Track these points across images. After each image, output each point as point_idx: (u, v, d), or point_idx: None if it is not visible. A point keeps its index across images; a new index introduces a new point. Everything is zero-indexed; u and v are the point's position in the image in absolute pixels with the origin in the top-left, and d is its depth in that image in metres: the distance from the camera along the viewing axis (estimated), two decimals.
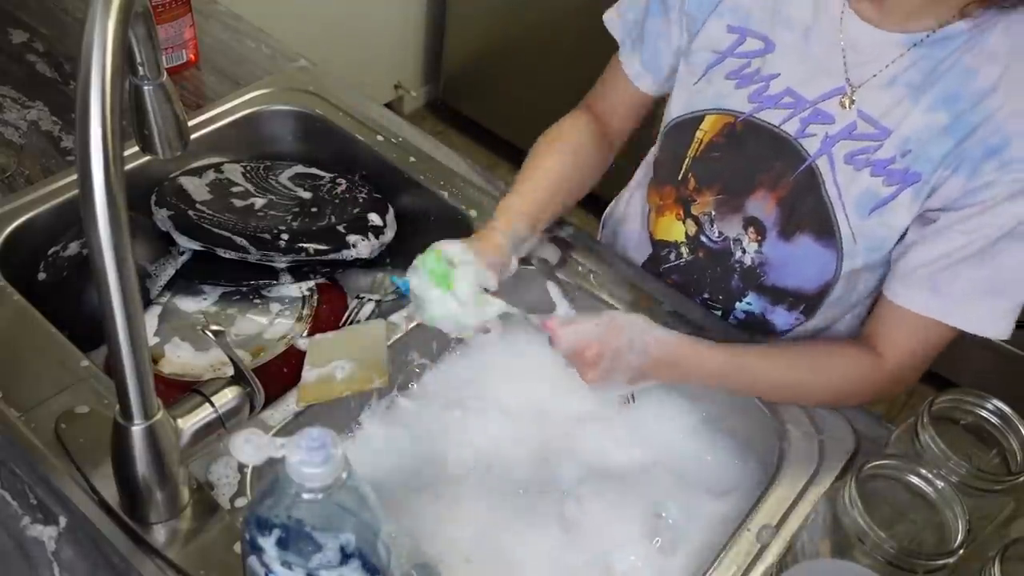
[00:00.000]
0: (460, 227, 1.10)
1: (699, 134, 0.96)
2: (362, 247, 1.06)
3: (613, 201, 1.24)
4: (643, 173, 1.13)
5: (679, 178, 1.00)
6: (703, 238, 1.01)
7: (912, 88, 0.83)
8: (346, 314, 1.07)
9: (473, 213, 1.10)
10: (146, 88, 0.71)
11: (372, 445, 0.95)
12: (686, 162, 0.98)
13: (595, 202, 1.25)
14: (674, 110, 0.99)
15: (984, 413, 0.82)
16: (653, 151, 1.10)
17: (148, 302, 1.02)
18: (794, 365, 0.92)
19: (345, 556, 0.60)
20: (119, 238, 0.60)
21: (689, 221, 1.01)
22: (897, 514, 0.77)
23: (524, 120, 1.02)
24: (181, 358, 0.97)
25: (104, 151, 0.58)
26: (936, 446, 0.77)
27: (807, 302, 0.99)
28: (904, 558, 0.71)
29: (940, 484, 0.75)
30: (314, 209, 1.11)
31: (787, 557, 0.81)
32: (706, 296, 1.05)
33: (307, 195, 1.14)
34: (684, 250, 1.04)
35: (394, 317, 0.99)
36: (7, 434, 0.82)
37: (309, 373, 0.92)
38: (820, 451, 0.90)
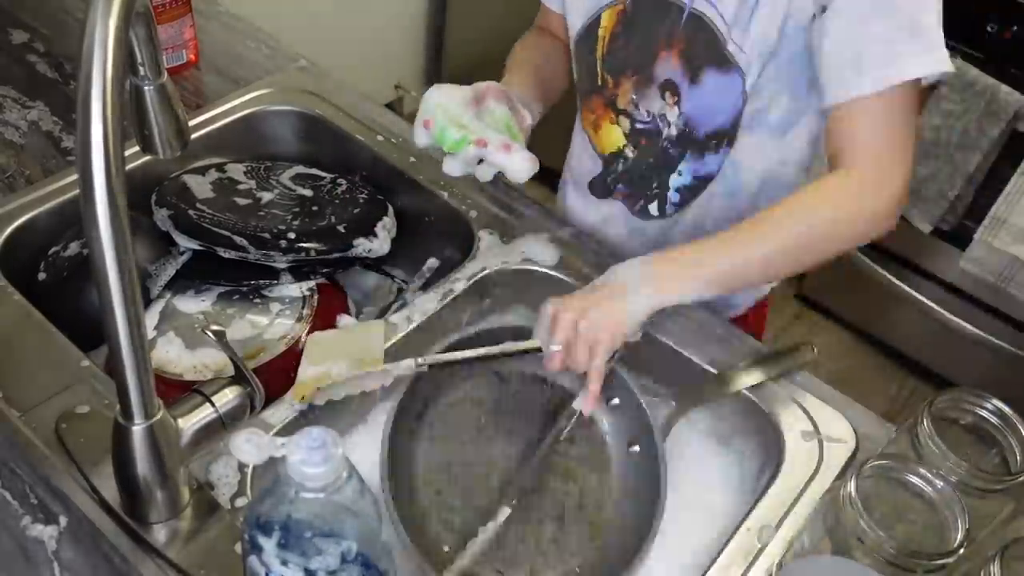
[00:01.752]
0: (460, 227, 1.10)
1: (600, 32, 1.02)
2: (376, 243, 1.07)
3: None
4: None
5: (599, 83, 1.06)
6: (638, 126, 1.05)
7: None
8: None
9: (473, 214, 1.10)
10: (146, 88, 0.71)
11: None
12: (598, 65, 1.04)
13: None
14: (573, 27, 1.05)
15: (984, 413, 0.82)
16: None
17: (148, 302, 1.03)
18: (783, 220, 0.92)
19: (345, 555, 0.60)
20: (120, 238, 0.60)
21: (622, 118, 1.06)
22: (897, 514, 0.77)
23: None
24: (169, 354, 0.97)
25: (105, 151, 0.58)
26: (936, 446, 0.78)
27: (728, 136, 1.01)
28: (904, 558, 0.71)
29: (940, 484, 0.75)
30: (315, 208, 1.11)
31: (787, 557, 0.81)
32: (648, 193, 1.09)
33: (307, 195, 1.14)
34: (628, 151, 1.08)
35: (394, 318, 0.99)
36: (7, 434, 0.82)
37: (305, 371, 0.92)
38: (820, 451, 0.90)
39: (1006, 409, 0.82)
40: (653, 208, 1.11)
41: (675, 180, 1.07)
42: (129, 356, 0.65)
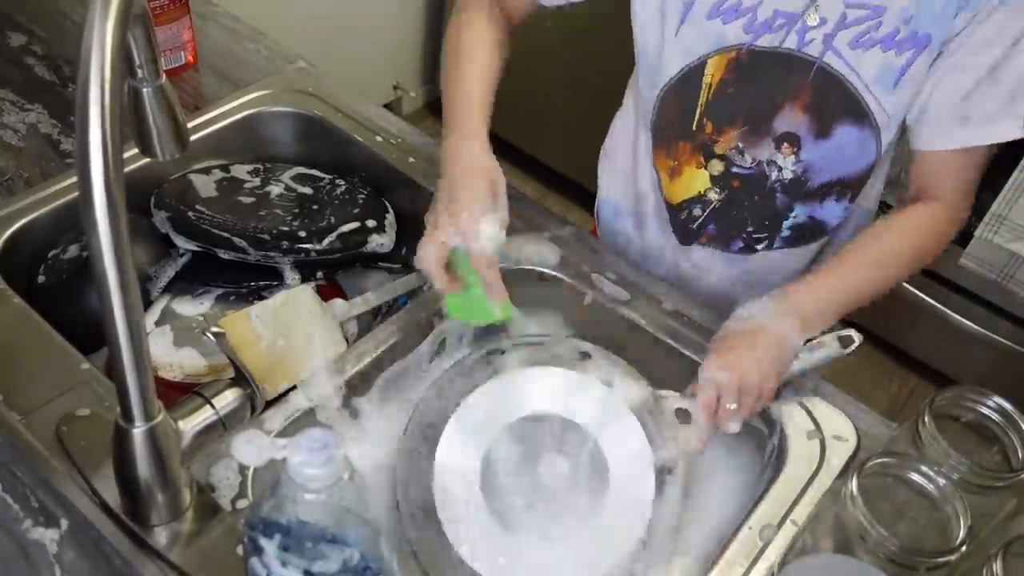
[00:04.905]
0: None
1: (706, 79, 0.96)
2: (386, 239, 1.10)
3: (601, 202, 1.22)
4: (642, 145, 1.10)
5: (693, 128, 1.00)
6: (734, 170, 1.01)
7: None
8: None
9: None
10: (145, 90, 0.71)
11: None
12: (698, 111, 0.98)
13: (593, 200, 1.24)
14: (665, 72, 0.98)
15: (985, 410, 0.82)
16: (634, 124, 1.08)
17: (147, 304, 1.02)
18: (892, 259, 0.95)
19: (346, 556, 0.60)
20: (119, 241, 0.60)
21: (713, 162, 1.02)
22: (898, 512, 0.77)
23: (522, 120, 1.01)
24: (155, 349, 0.97)
25: (104, 154, 0.58)
26: (937, 443, 0.77)
27: (853, 187, 1.01)
28: (906, 556, 0.71)
29: (942, 481, 0.75)
30: (315, 207, 1.11)
31: (789, 555, 0.81)
32: (750, 230, 1.06)
33: (307, 196, 1.14)
34: (712, 195, 1.04)
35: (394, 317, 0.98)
36: (8, 437, 0.82)
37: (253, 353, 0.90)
38: (821, 449, 0.90)
39: (1007, 406, 0.82)
40: (761, 246, 1.08)
41: (788, 222, 1.05)
42: (129, 359, 0.65)
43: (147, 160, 0.87)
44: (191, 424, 0.75)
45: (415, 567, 0.82)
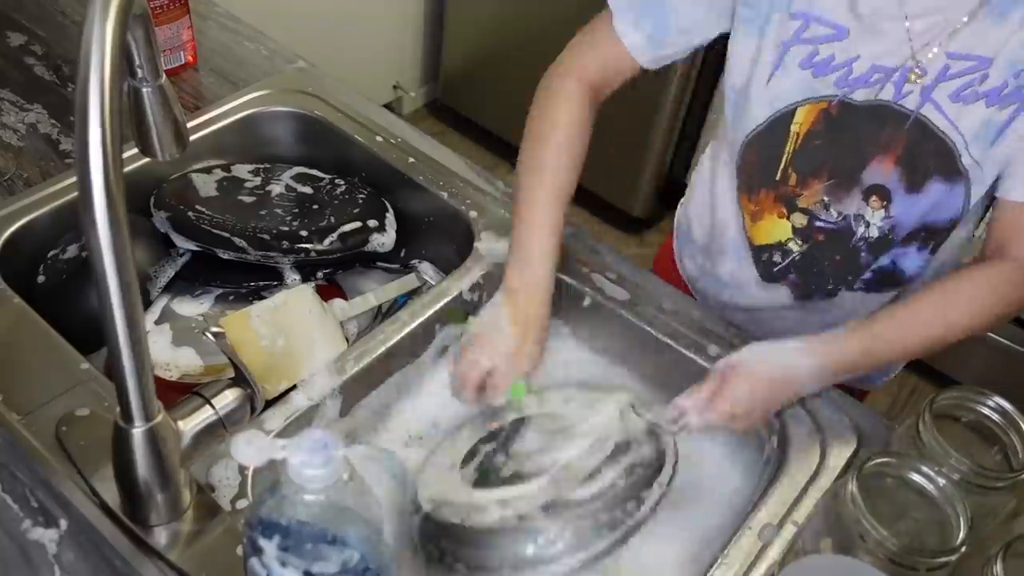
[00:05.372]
0: (460, 227, 1.10)
1: (794, 128, 0.92)
2: (387, 238, 1.10)
3: (682, 208, 1.20)
4: (725, 177, 1.06)
5: (776, 178, 0.96)
6: (818, 223, 0.98)
7: (993, 14, 0.81)
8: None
9: (473, 214, 1.10)
10: (145, 90, 0.71)
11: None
12: (783, 160, 0.94)
13: (593, 200, 1.24)
14: (753, 118, 0.94)
15: (985, 410, 0.82)
16: (723, 154, 1.04)
17: (147, 304, 1.02)
18: (935, 310, 0.90)
19: (346, 557, 0.60)
20: (119, 241, 0.60)
21: (796, 215, 0.98)
22: (899, 512, 0.77)
23: (523, 120, 1.01)
24: (154, 348, 0.97)
25: (103, 154, 0.58)
26: (938, 444, 0.77)
27: (936, 237, 0.97)
28: (906, 556, 0.71)
29: (942, 482, 0.75)
30: (315, 207, 1.11)
31: (789, 555, 0.81)
32: (830, 287, 1.03)
33: (307, 196, 1.14)
34: (793, 245, 1.01)
35: (394, 316, 0.99)
36: (8, 437, 0.82)
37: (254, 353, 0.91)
38: (822, 449, 0.90)
39: (1007, 406, 0.82)
40: (841, 290, 1.04)
41: (865, 276, 1.02)
42: (129, 359, 0.65)
43: (147, 160, 0.87)
44: (191, 424, 0.75)
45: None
